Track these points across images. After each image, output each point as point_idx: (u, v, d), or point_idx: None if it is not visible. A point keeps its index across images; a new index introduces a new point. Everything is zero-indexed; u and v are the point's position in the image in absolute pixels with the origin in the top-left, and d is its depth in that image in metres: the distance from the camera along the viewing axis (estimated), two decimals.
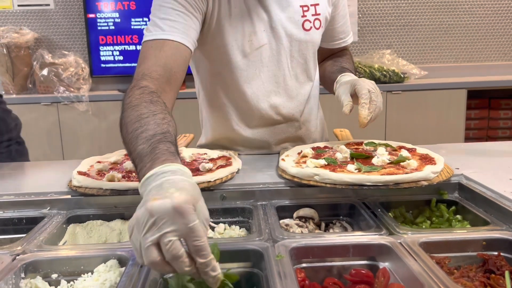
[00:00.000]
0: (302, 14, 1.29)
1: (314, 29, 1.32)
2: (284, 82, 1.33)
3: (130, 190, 1.01)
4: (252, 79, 1.29)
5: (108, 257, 0.81)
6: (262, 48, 1.27)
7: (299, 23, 1.29)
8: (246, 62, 1.27)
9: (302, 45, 1.31)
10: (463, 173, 1.11)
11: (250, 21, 1.24)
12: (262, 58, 1.28)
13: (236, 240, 0.90)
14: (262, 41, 1.26)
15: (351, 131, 1.75)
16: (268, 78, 1.30)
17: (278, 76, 1.31)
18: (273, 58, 1.29)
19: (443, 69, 3.65)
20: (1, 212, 1.04)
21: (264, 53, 1.28)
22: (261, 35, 1.26)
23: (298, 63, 1.33)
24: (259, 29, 1.25)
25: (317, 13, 1.32)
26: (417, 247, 0.81)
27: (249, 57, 1.27)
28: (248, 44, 1.25)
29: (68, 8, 3.50)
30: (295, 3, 1.28)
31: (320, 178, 1.02)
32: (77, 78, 3.30)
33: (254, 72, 1.29)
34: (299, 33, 1.30)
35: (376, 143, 1.29)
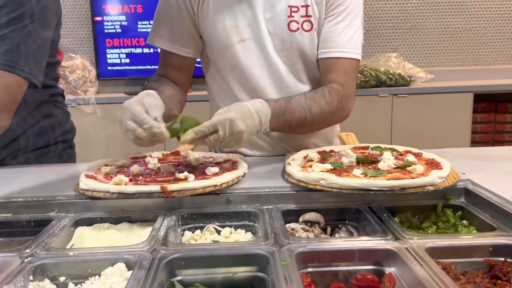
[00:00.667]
0: (289, 14, 1.30)
1: (302, 31, 1.32)
2: (278, 78, 1.36)
3: (136, 194, 1.02)
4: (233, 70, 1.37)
5: (115, 261, 0.82)
6: (245, 42, 1.33)
7: (285, 23, 1.31)
8: (225, 53, 1.36)
9: (285, 45, 1.33)
10: (470, 178, 1.11)
11: (232, 16, 1.32)
12: (246, 52, 1.34)
13: (242, 244, 0.91)
14: (244, 36, 1.33)
15: (357, 135, 1.76)
16: (260, 69, 1.35)
17: (272, 71, 1.35)
18: (260, 53, 1.34)
19: (450, 73, 3.64)
20: (10, 215, 1.05)
21: (250, 47, 1.33)
22: (244, 30, 1.32)
23: (285, 63, 1.35)
24: (242, 24, 1.32)
25: (308, 15, 1.31)
26: (423, 253, 0.81)
27: (230, 49, 1.34)
28: (228, 38, 1.33)
29: (76, 11, 3.53)
30: (282, 2, 1.30)
31: (326, 183, 1.02)
32: (84, 80, 3.33)
33: (235, 64, 1.35)
34: (284, 33, 1.31)
35: (382, 147, 1.29)
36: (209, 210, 1.05)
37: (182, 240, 0.99)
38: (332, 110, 1.31)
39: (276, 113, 1.20)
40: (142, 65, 3.50)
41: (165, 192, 1.01)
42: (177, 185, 1.03)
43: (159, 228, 0.95)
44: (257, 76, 1.35)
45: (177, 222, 1.01)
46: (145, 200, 1.04)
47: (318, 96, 1.29)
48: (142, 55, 3.49)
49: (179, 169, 1.17)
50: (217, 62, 1.40)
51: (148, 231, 0.97)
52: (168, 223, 0.98)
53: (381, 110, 3.27)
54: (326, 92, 1.30)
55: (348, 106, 1.36)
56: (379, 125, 3.28)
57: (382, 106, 3.26)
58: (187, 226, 1.04)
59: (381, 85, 3.28)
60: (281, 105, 1.23)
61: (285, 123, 1.24)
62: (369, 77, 3.26)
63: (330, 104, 1.30)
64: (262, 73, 1.35)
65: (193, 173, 1.12)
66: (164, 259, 0.81)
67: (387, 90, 3.26)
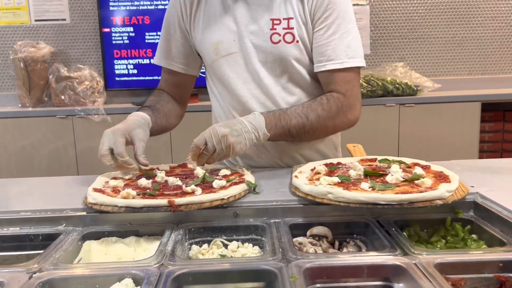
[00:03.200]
0: (272, 27, 1.34)
1: (284, 43, 1.34)
2: (265, 90, 1.38)
3: (144, 208, 1.02)
4: (221, 83, 1.43)
5: (123, 276, 0.82)
6: (231, 56, 1.38)
7: (267, 36, 1.34)
8: (213, 67, 1.42)
9: (269, 57, 1.36)
10: (478, 192, 1.10)
11: (218, 31, 1.38)
12: (232, 65, 1.39)
13: (250, 259, 0.90)
14: (230, 50, 1.38)
15: (364, 145, 1.75)
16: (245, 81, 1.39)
17: (257, 83, 1.38)
18: (245, 67, 1.38)
19: (457, 82, 3.63)
20: (18, 229, 1.06)
21: (237, 60, 1.38)
22: (230, 44, 1.37)
23: (270, 74, 1.37)
24: (227, 39, 1.37)
25: (289, 27, 1.33)
26: (432, 269, 0.80)
27: (216, 63, 1.41)
28: (215, 52, 1.39)
29: (84, 22, 3.56)
30: (265, 16, 1.34)
31: (333, 197, 1.02)
32: (92, 91, 3.35)
33: (222, 77, 1.41)
34: (266, 45, 1.34)
35: (390, 160, 1.28)
36: (216, 223, 1.05)
37: (190, 254, 0.99)
38: (331, 116, 1.33)
39: (271, 120, 1.29)
40: (149, 75, 3.52)
41: (173, 206, 1.01)
42: (184, 199, 1.03)
43: (166, 242, 0.95)
44: (242, 88, 1.39)
45: (184, 236, 1.01)
46: (152, 213, 1.04)
47: (315, 104, 1.34)
48: (150, 66, 3.51)
49: (186, 182, 1.17)
50: (209, 75, 1.49)
51: (156, 245, 0.97)
52: (176, 237, 0.98)
53: (388, 119, 3.26)
54: (324, 99, 1.34)
55: (354, 113, 1.37)
56: (386, 134, 3.27)
57: (389, 116, 3.25)
58: (194, 240, 1.04)
59: (388, 95, 3.27)
60: (275, 114, 1.32)
61: (284, 130, 1.31)
62: (376, 86, 3.26)
63: (328, 111, 1.32)
64: (248, 85, 1.39)
65: (200, 186, 1.12)
66: (171, 274, 0.81)
67: (394, 99, 3.25)
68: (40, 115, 3.24)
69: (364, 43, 3.58)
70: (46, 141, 3.23)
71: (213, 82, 1.48)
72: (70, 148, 3.25)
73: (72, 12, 3.55)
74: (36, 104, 3.40)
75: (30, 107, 3.37)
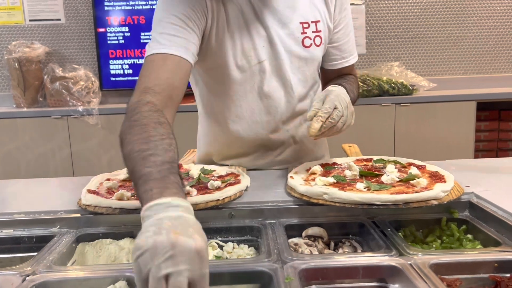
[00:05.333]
0: (302, 31, 1.30)
1: (314, 46, 1.33)
2: (292, 97, 1.34)
3: (139, 209, 1.01)
4: (250, 92, 1.31)
5: (117, 278, 0.81)
6: (262, 64, 1.29)
7: (299, 40, 1.30)
8: (243, 77, 1.29)
9: (301, 61, 1.32)
10: (474, 191, 1.10)
11: (249, 37, 1.26)
12: (262, 73, 1.30)
13: (245, 261, 0.90)
14: (261, 57, 1.28)
15: (360, 144, 1.75)
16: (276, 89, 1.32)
17: (287, 91, 1.33)
18: (275, 74, 1.31)
19: (452, 81, 3.63)
20: (11, 231, 1.05)
21: (266, 68, 1.29)
22: (261, 51, 1.28)
23: (299, 80, 1.34)
24: (258, 45, 1.27)
25: (317, 30, 1.32)
26: (427, 269, 0.80)
27: (247, 72, 1.29)
28: (247, 60, 1.27)
29: (79, 22, 3.55)
30: (295, 20, 1.29)
31: (329, 197, 1.02)
32: (87, 91, 3.34)
33: (252, 86, 1.31)
34: (299, 50, 1.31)
35: (386, 160, 1.28)
36: (211, 225, 1.05)
37: None
38: (358, 93, 1.43)
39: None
40: None
41: None
42: None
43: None
44: (273, 97, 1.32)
45: None
46: None
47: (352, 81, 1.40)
48: None
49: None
50: (231, 85, 1.30)
51: None
52: None
53: (384, 119, 3.26)
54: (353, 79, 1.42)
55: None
56: (382, 134, 3.27)
57: (385, 115, 3.26)
58: None
59: (383, 94, 3.28)
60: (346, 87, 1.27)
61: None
62: (372, 86, 3.26)
63: (358, 88, 1.45)
64: (278, 94, 1.33)
65: (195, 187, 1.12)
66: None
67: (389, 99, 3.26)
68: (35, 115, 3.23)
69: (359, 42, 3.59)
70: (41, 141, 3.21)
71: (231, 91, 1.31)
72: (65, 149, 3.23)
73: (67, 12, 3.54)
74: (31, 105, 3.38)
75: (25, 108, 3.35)
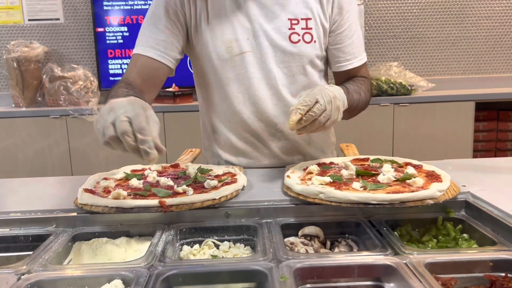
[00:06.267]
0: (290, 26, 1.33)
1: (303, 43, 1.34)
2: (276, 90, 1.37)
3: (135, 208, 1.02)
4: (234, 82, 1.37)
5: (112, 277, 0.81)
6: (245, 55, 1.34)
7: (286, 35, 1.34)
8: (224, 66, 1.36)
9: (287, 56, 1.35)
10: (470, 191, 1.10)
11: (231, 28, 1.33)
12: (245, 64, 1.34)
13: (240, 260, 0.90)
14: (244, 48, 1.34)
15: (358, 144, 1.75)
16: (259, 81, 1.36)
17: (270, 83, 1.37)
18: (258, 66, 1.35)
19: (451, 81, 3.64)
20: (8, 230, 1.05)
21: (247, 59, 1.34)
22: (244, 42, 1.33)
23: (284, 74, 1.36)
24: (241, 37, 1.33)
25: (308, 27, 1.34)
26: (422, 268, 0.80)
27: (228, 62, 1.35)
28: (227, 50, 1.34)
29: (78, 22, 3.55)
30: (283, 15, 1.33)
31: (325, 196, 1.02)
32: (86, 91, 3.34)
33: (235, 76, 1.36)
34: (285, 44, 1.34)
35: (382, 159, 1.28)
36: (208, 224, 1.05)
37: (181, 255, 0.99)
38: (368, 96, 1.44)
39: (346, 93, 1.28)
40: None
41: (164, 206, 1.01)
42: (176, 199, 1.03)
43: (157, 243, 0.94)
44: (255, 88, 1.37)
45: (175, 236, 1.01)
46: (143, 214, 1.04)
47: (360, 82, 1.42)
48: None
49: (178, 182, 1.17)
50: (216, 74, 1.38)
51: (147, 245, 0.97)
52: (167, 237, 0.97)
53: (383, 119, 3.26)
54: (362, 80, 1.44)
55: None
56: (381, 134, 3.27)
57: (384, 115, 3.26)
58: (185, 241, 1.03)
59: (382, 94, 3.28)
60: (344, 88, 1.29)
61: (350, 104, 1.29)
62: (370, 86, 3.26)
63: (368, 91, 1.44)
64: (261, 85, 1.37)
65: (192, 186, 1.12)
66: (161, 275, 0.80)
67: (388, 99, 3.26)
68: (34, 115, 3.23)
69: None
70: (39, 141, 3.21)
71: (218, 81, 1.39)
72: (63, 149, 3.23)
73: (65, 12, 3.54)
74: (30, 104, 3.39)
75: (24, 107, 3.36)
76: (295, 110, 1.09)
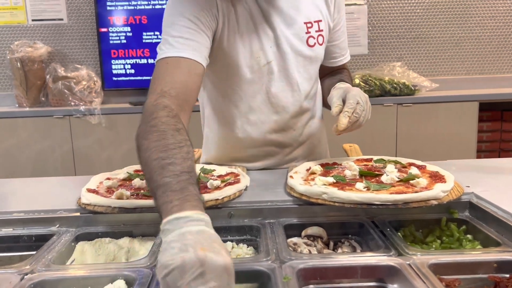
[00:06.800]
0: (307, 30, 1.31)
1: (318, 45, 1.34)
2: (299, 96, 1.36)
3: (138, 208, 1.02)
4: (259, 93, 1.32)
5: (115, 277, 0.81)
6: (270, 64, 1.29)
7: (304, 40, 1.31)
8: (253, 78, 1.30)
9: (306, 60, 1.33)
10: (474, 192, 1.10)
11: (257, 38, 1.27)
12: (270, 74, 1.30)
13: (243, 260, 0.90)
14: (269, 58, 1.29)
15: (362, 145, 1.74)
16: (283, 89, 1.33)
17: (293, 90, 1.34)
18: (282, 74, 1.31)
19: (455, 82, 3.62)
20: (11, 229, 1.05)
21: (273, 68, 1.30)
22: (268, 52, 1.28)
23: (304, 78, 1.35)
24: (266, 46, 1.28)
25: (320, 29, 1.34)
26: (426, 269, 0.80)
27: (257, 73, 1.29)
28: (256, 61, 1.28)
29: (81, 22, 3.55)
30: (299, 20, 1.30)
31: (328, 197, 1.01)
32: (89, 91, 3.34)
33: (260, 87, 1.31)
34: (304, 49, 1.32)
35: (386, 160, 1.28)
36: None
37: None
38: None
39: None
40: (147, 75, 3.50)
41: None
42: None
43: (160, 244, 0.94)
44: (280, 96, 1.33)
45: None
46: (146, 214, 1.04)
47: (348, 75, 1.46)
48: (147, 65, 3.50)
49: None
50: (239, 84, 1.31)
51: (150, 246, 0.97)
52: None
53: (386, 119, 3.25)
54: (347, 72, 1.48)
55: None
56: (384, 134, 3.26)
57: (387, 116, 3.25)
58: None
59: (385, 95, 3.27)
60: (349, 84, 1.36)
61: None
62: (374, 86, 3.25)
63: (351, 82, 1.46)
64: (285, 94, 1.33)
65: None
66: None
67: (391, 99, 3.25)
68: (37, 115, 3.23)
69: (362, 42, 3.58)
70: (43, 141, 3.22)
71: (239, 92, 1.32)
72: (67, 149, 3.24)
73: (69, 12, 3.54)
74: (33, 104, 3.39)
75: (27, 107, 3.36)
76: (343, 113, 1.16)
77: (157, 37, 3.47)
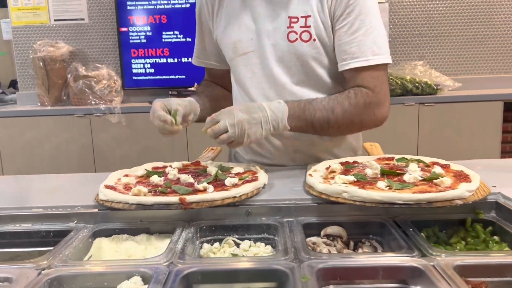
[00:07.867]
0: (289, 25, 1.31)
1: (301, 41, 1.30)
2: (281, 89, 1.35)
3: (155, 205, 1.01)
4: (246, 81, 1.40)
5: (131, 274, 0.81)
6: (248, 55, 1.37)
7: (284, 34, 1.32)
8: (234, 65, 1.43)
9: (285, 56, 1.33)
10: (501, 192, 1.06)
11: (238, 29, 1.37)
12: (250, 64, 1.37)
13: (262, 259, 0.88)
14: (247, 49, 1.37)
15: (383, 145, 1.71)
16: (261, 80, 1.37)
17: (273, 82, 1.36)
18: (261, 65, 1.36)
19: (478, 81, 3.54)
20: (29, 225, 1.06)
21: (252, 59, 1.37)
22: (249, 43, 1.36)
23: (283, 73, 1.35)
24: (245, 38, 1.36)
25: (306, 25, 1.29)
26: (451, 271, 0.77)
27: (234, 61, 1.41)
28: (233, 50, 1.39)
29: (102, 22, 3.59)
30: (283, 14, 1.32)
31: (348, 196, 0.99)
32: (110, 90, 3.37)
33: (245, 74, 1.40)
34: (283, 43, 1.32)
35: (408, 158, 1.24)
36: (228, 222, 1.03)
37: (201, 253, 0.98)
38: (358, 112, 1.26)
39: (295, 112, 1.24)
40: (166, 75, 3.52)
41: (184, 203, 1.00)
42: (196, 196, 1.02)
43: (177, 240, 0.93)
44: (258, 87, 1.38)
45: (195, 234, 1.00)
46: (163, 211, 1.03)
47: (342, 98, 1.27)
48: (167, 65, 3.51)
49: (199, 180, 1.16)
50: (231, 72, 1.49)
51: (166, 243, 0.96)
52: (187, 235, 0.96)
53: (408, 119, 3.20)
54: (352, 93, 1.27)
55: (382, 111, 1.29)
56: (405, 134, 3.21)
57: (409, 115, 3.20)
58: (205, 238, 1.02)
59: (407, 94, 3.21)
60: (300, 105, 1.26)
61: (307, 122, 1.26)
62: (395, 85, 3.20)
63: (355, 106, 1.25)
64: (264, 85, 1.37)
65: (212, 184, 1.10)
66: (180, 273, 0.79)
67: (413, 99, 3.19)
68: (59, 113, 3.28)
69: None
70: (64, 139, 3.26)
71: (233, 79, 1.48)
72: (87, 147, 3.27)
73: (90, 12, 3.58)
74: (55, 103, 3.44)
75: (49, 106, 3.41)
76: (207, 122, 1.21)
77: (176, 37, 3.48)
